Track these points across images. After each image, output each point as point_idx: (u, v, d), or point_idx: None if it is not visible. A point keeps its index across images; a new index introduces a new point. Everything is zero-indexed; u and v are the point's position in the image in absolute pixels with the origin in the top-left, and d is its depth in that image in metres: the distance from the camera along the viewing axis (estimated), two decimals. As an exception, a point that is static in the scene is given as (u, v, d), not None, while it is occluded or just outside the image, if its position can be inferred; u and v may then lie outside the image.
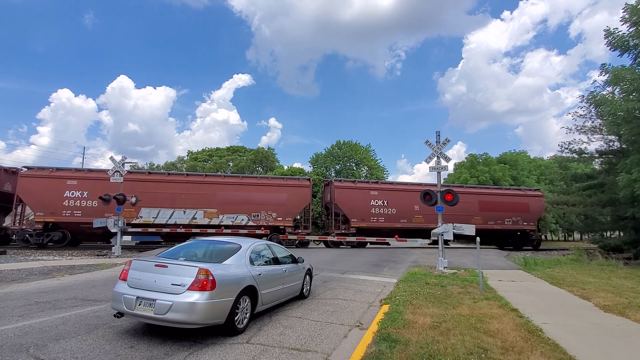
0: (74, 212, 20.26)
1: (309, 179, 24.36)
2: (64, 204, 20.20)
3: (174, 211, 21.19)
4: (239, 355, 4.36)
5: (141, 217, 20.86)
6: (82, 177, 21.05)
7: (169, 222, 21.07)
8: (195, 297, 4.65)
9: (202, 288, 4.71)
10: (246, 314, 5.42)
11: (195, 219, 21.37)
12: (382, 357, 4.25)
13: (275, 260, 6.90)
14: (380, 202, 23.72)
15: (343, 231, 23.69)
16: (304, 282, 7.76)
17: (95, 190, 19.70)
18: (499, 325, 5.61)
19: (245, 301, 5.41)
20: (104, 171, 20.89)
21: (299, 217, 23.53)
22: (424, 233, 22.34)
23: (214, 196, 21.80)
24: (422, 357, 4.27)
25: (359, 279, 10.86)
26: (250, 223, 21.86)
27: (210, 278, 4.81)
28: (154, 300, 4.68)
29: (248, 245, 6.27)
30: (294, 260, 7.57)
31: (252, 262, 5.98)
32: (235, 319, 5.12)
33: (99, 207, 19.40)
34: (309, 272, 8.24)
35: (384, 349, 4.46)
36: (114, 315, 5.20)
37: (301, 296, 7.70)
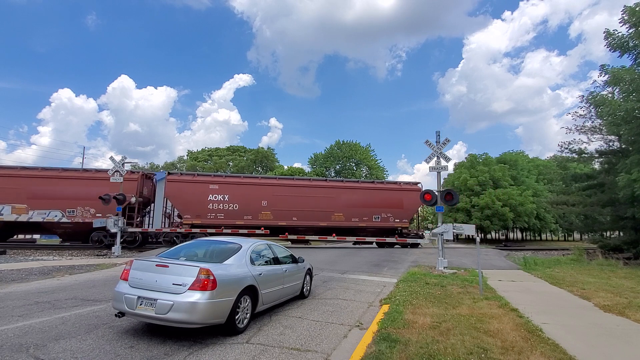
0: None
1: (136, 171, 22.67)
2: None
3: None
4: (239, 355, 4.36)
5: None
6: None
7: None
8: (196, 296, 4.67)
9: (203, 288, 4.73)
10: (247, 313, 5.43)
11: (2, 214, 19.70)
12: (382, 357, 4.25)
13: (276, 260, 6.91)
14: (220, 197, 21.71)
15: (165, 229, 21.88)
16: (304, 281, 7.77)
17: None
18: (499, 325, 5.61)
19: (246, 301, 5.43)
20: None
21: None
22: (275, 230, 21.82)
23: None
24: (422, 357, 4.27)
25: (359, 278, 10.86)
26: (64, 220, 20.17)
27: (211, 278, 4.82)
28: (155, 300, 4.70)
29: (249, 245, 6.29)
30: (294, 260, 7.57)
31: (252, 262, 6.00)
32: (236, 318, 5.13)
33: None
34: (309, 272, 8.25)
35: (384, 349, 4.46)
36: (115, 315, 5.20)
37: (301, 296, 7.71)
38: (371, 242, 23.85)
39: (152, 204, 23.33)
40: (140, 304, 4.76)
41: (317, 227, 22.70)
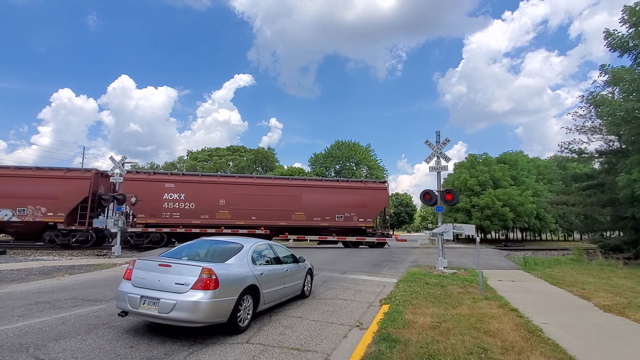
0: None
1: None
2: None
3: None
4: (239, 355, 4.36)
5: None
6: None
7: None
8: (198, 296, 4.71)
9: (205, 287, 4.78)
10: (248, 313, 5.48)
11: None
12: (382, 357, 4.25)
13: (277, 260, 6.94)
14: (176, 196, 21.21)
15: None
16: (305, 281, 7.82)
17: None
18: (498, 325, 5.61)
19: (248, 300, 5.48)
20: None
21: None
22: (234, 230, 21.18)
23: None
24: (422, 357, 4.27)
25: (359, 278, 10.86)
26: (15, 219, 19.79)
27: (214, 277, 4.87)
28: (158, 299, 4.75)
29: (250, 245, 6.33)
30: (295, 260, 7.62)
31: (254, 261, 6.04)
32: (238, 317, 5.17)
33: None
34: (310, 272, 8.28)
35: (384, 349, 4.46)
36: (119, 314, 5.23)
37: (302, 295, 7.74)
38: (336, 242, 23.51)
39: (113, 203, 22.34)
40: (144, 303, 4.81)
41: (277, 227, 22.08)
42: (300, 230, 22.69)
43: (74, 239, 20.04)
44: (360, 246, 23.12)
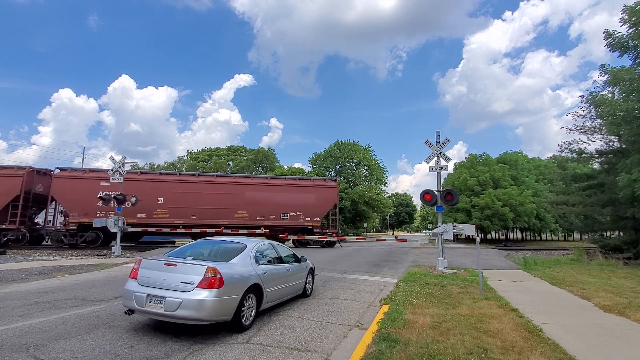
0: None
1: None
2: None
3: None
4: (239, 355, 4.36)
5: None
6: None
7: None
8: (204, 294, 4.79)
9: (210, 286, 4.86)
10: (252, 311, 5.57)
11: None
12: (382, 357, 4.25)
13: (279, 260, 7.02)
14: (111, 194, 20.00)
15: (58, 228, 20.87)
16: (306, 280, 7.90)
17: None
18: (499, 325, 5.61)
19: (251, 299, 5.56)
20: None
21: None
22: (173, 229, 20.63)
23: None
24: (422, 357, 4.27)
25: (359, 279, 10.86)
26: None
27: (218, 276, 4.95)
28: (164, 297, 4.82)
29: (253, 244, 6.41)
30: (297, 260, 7.69)
31: (257, 261, 6.12)
32: (242, 316, 5.26)
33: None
34: (312, 271, 8.36)
35: (384, 349, 4.46)
36: (125, 312, 5.32)
37: (304, 295, 7.82)
38: (287, 240, 22.84)
39: (54, 202, 21.77)
40: (150, 302, 4.89)
41: (217, 226, 21.43)
42: (244, 229, 21.95)
43: (5, 238, 19.50)
44: (308, 246, 22.67)
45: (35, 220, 22.36)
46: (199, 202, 21.47)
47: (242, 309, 5.28)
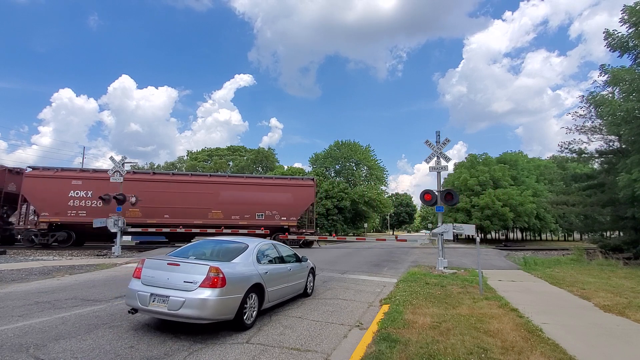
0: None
1: None
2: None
3: None
4: (239, 355, 4.36)
5: None
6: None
7: None
8: (206, 293, 4.85)
9: (212, 285, 4.91)
10: (254, 310, 5.62)
11: None
12: (382, 357, 4.25)
13: (281, 259, 7.07)
14: (82, 194, 20.30)
15: (28, 227, 20.49)
16: (307, 280, 7.95)
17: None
18: (499, 325, 5.61)
19: (253, 298, 5.62)
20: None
21: None
22: (141, 228, 20.36)
23: None
24: (422, 357, 4.27)
25: (359, 279, 10.86)
26: None
27: (221, 276, 5.00)
28: (168, 296, 4.88)
29: (255, 244, 6.46)
30: (298, 260, 7.74)
31: (258, 260, 6.17)
32: (244, 315, 5.32)
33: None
34: (312, 271, 8.42)
35: (384, 349, 4.46)
36: (129, 312, 5.39)
37: (305, 294, 7.87)
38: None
39: (25, 204, 21.39)
40: (153, 301, 4.94)
41: (191, 226, 21.19)
42: (218, 229, 21.57)
43: None
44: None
45: (9, 220, 22.24)
46: (173, 201, 21.18)
47: (244, 308, 5.32)
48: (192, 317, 4.81)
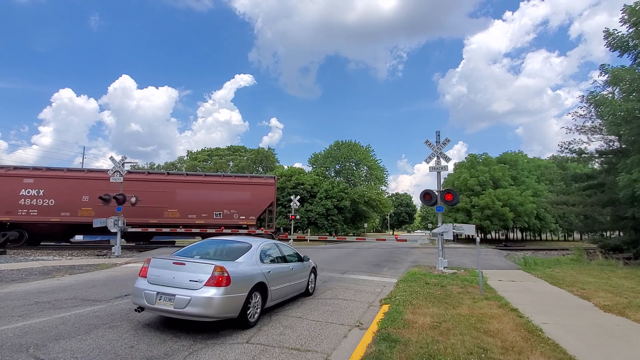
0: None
1: None
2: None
3: None
4: (239, 355, 4.36)
5: None
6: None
7: None
8: (211, 292, 4.96)
9: (217, 284, 5.02)
10: (257, 308, 5.74)
11: None
12: (382, 357, 4.25)
13: (283, 259, 7.17)
14: (34, 192, 19.87)
15: None
16: (309, 279, 8.05)
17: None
18: (498, 325, 5.61)
19: (257, 297, 5.73)
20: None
21: None
22: (96, 229, 19.55)
23: None
24: (422, 357, 4.27)
25: (359, 278, 10.86)
26: None
27: (225, 275, 5.11)
28: (174, 295, 4.99)
29: (258, 244, 6.57)
30: (300, 259, 7.85)
31: (261, 260, 6.28)
32: (248, 313, 5.44)
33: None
34: (314, 270, 8.52)
35: (384, 349, 4.46)
36: (135, 310, 5.51)
37: (306, 293, 7.97)
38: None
39: None
40: (160, 299, 5.06)
41: (147, 225, 20.71)
42: (173, 228, 21.27)
43: None
44: None
45: None
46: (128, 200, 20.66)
47: (248, 306, 5.43)
48: (197, 315, 4.91)
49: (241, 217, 21.81)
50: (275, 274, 6.37)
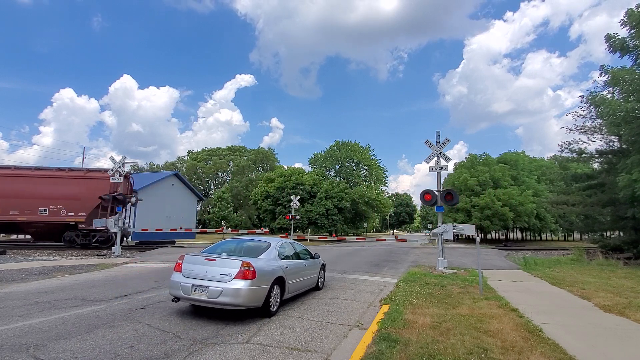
0: None
1: None
2: None
3: None
4: (239, 355, 4.35)
5: None
6: None
7: None
8: (240, 284, 5.67)
9: (245, 277, 5.72)
10: (277, 300, 6.40)
11: None
12: (382, 357, 4.25)
13: (297, 256, 7.86)
14: None
15: None
16: (319, 275, 8.70)
17: None
18: (499, 325, 5.61)
19: (277, 289, 6.41)
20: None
21: None
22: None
23: None
24: (422, 357, 4.27)
25: (359, 278, 10.86)
26: None
27: (252, 269, 5.80)
28: (207, 287, 5.71)
29: (276, 242, 7.33)
30: (311, 256, 8.51)
31: (279, 257, 6.98)
32: (269, 303, 6.09)
33: None
34: (323, 267, 9.20)
35: (384, 349, 4.46)
36: (172, 300, 6.22)
37: (316, 288, 8.57)
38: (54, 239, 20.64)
39: None
40: (195, 291, 5.77)
41: None
42: None
43: None
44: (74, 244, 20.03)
45: None
46: None
47: (270, 297, 6.08)
48: (228, 304, 5.62)
49: (70, 214, 19.88)
50: (292, 269, 7.04)
